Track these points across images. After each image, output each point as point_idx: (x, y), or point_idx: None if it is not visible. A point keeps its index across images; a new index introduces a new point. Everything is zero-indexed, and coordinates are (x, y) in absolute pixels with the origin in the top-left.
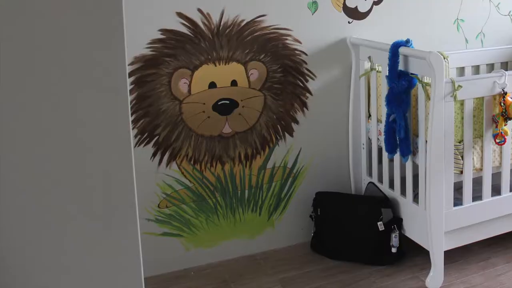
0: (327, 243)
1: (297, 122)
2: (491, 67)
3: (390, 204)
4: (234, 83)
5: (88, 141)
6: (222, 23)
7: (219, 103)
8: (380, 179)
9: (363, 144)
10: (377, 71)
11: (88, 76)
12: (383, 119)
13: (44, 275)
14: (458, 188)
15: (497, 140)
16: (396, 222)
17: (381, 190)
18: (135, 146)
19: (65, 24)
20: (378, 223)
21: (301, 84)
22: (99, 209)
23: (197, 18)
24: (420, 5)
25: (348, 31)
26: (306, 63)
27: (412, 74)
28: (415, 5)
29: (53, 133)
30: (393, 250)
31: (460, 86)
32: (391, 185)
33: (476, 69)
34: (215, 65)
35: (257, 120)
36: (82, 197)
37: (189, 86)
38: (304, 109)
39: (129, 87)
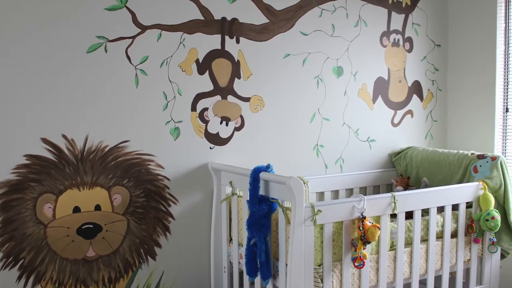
0: None
1: (159, 246)
2: (350, 192)
3: None
4: (98, 207)
5: None
6: (86, 149)
7: (83, 227)
8: None
9: (225, 268)
10: (238, 196)
11: None
12: (244, 242)
13: None
14: None
15: (356, 264)
16: None
17: None
18: (0, 270)
19: None
20: None
21: (164, 209)
22: None
23: (62, 144)
24: (281, 131)
25: (210, 156)
26: (168, 188)
27: (272, 198)
28: (276, 131)
29: None
30: None
31: (319, 211)
32: None
33: (336, 194)
34: (80, 190)
35: (121, 243)
36: None
37: (54, 210)
38: (167, 233)
39: None
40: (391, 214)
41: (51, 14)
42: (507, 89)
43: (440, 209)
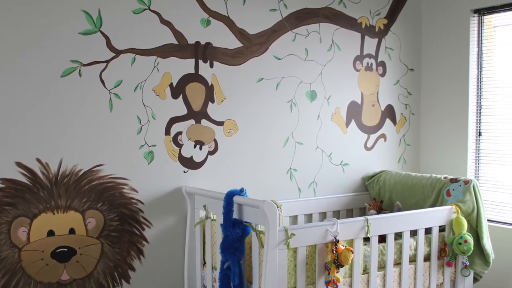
0: None
1: (133, 269)
2: (323, 216)
3: None
4: (72, 231)
5: None
6: (60, 173)
7: (57, 250)
8: None
9: None
10: (212, 220)
11: None
12: (218, 266)
13: None
14: None
15: (330, 287)
16: None
17: None
18: None
19: None
20: None
21: (138, 232)
22: None
23: (36, 168)
24: (254, 155)
25: (184, 180)
26: (142, 212)
27: (246, 222)
28: (250, 155)
29: None
30: None
31: (293, 234)
32: None
33: (309, 217)
34: (54, 214)
35: (95, 267)
36: None
37: (28, 234)
38: (141, 256)
39: None
40: (364, 238)
41: (25, 38)
42: (479, 113)
43: (413, 233)
